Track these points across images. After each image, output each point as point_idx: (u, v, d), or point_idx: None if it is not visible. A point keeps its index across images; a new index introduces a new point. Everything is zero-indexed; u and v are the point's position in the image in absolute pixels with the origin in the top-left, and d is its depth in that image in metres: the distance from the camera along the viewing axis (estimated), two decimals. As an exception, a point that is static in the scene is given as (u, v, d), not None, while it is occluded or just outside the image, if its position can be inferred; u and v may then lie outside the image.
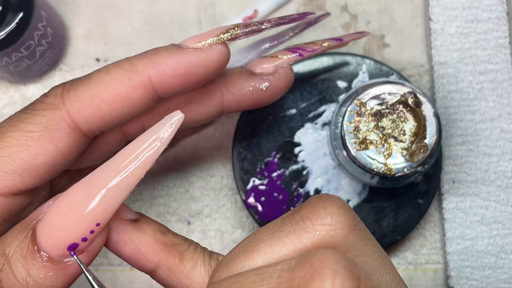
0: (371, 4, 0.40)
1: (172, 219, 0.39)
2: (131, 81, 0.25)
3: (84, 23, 0.40)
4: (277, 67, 0.31)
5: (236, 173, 0.37)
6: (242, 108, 0.31)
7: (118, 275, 0.38)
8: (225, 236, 0.38)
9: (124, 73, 0.26)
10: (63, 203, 0.23)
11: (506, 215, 0.37)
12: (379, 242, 0.36)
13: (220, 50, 0.27)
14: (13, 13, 0.33)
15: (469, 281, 0.37)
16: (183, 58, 0.26)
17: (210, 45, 0.27)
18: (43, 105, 0.25)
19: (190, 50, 0.26)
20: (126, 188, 0.23)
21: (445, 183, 0.38)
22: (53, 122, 0.25)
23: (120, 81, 0.25)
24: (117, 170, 0.23)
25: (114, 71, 0.26)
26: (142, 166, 0.23)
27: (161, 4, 0.40)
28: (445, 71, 0.38)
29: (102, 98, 0.25)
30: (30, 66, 0.36)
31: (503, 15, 0.38)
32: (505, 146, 0.38)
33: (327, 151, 0.37)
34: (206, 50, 0.27)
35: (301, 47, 0.32)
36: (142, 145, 0.23)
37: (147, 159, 0.23)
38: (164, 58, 0.26)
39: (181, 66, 0.26)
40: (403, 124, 0.32)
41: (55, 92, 0.26)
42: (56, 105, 0.25)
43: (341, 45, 0.34)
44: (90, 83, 0.26)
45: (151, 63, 0.26)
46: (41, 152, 0.25)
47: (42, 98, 0.26)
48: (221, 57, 0.27)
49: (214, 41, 0.27)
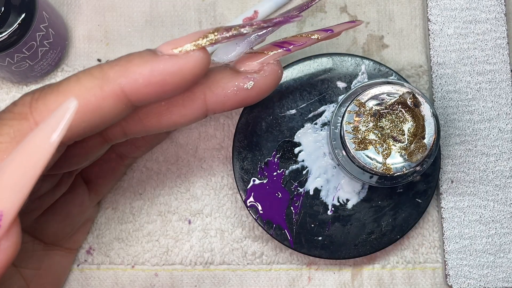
0: (370, 5, 0.40)
1: (173, 218, 0.39)
2: (101, 90, 0.24)
3: (85, 24, 0.40)
4: (262, 64, 0.29)
5: (236, 172, 0.37)
6: (227, 108, 0.29)
7: (119, 274, 0.39)
8: (226, 235, 0.39)
9: (95, 82, 0.24)
10: None
11: (504, 214, 0.38)
12: (379, 241, 0.37)
13: (198, 57, 0.25)
14: (15, 14, 0.33)
15: (467, 279, 0.37)
16: (157, 66, 0.24)
17: (187, 52, 0.25)
18: (11, 115, 0.24)
19: (165, 57, 0.25)
20: (23, 187, 0.21)
21: (443, 182, 0.38)
22: (20, 133, 0.24)
23: (90, 90, 0.24)
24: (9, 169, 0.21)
25: (84, 79, 0.24)
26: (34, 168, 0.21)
27: (162, 5, 0.40)
28: (444, 72, 0.38)
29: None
30: (32, 66, 0.36)
31: (501, 16, 0.39)
32: (503, 146, 0.38)
33: (326, 151, 0.37)
34: (182, 58, 0.25)
35: (289, 41, 0.30)
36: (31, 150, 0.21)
37: (36, 165, 0.21)
38: (136, 66, 0.24)
39: (155, 74, 0.24)
40: (402, 124, 0.32)
41: (23, 101, 0.24)
42: (23, 115, 0.24)
43: (332, 36, 0.32)
44: (59, 92, 0.24)
45: (123, 71, 0.24)
46: None
47: (11, 107, 0.25)
48: (199, 64, 0.25)
49: (192, 47, 0.25)
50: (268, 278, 0.39)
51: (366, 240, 0.37)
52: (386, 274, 0.39)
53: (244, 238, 0.39)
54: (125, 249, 0.39)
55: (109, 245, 0.39)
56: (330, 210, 0.37)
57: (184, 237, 0.39)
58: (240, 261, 0.39)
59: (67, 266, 0.38)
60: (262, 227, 0.37)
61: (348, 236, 0.37)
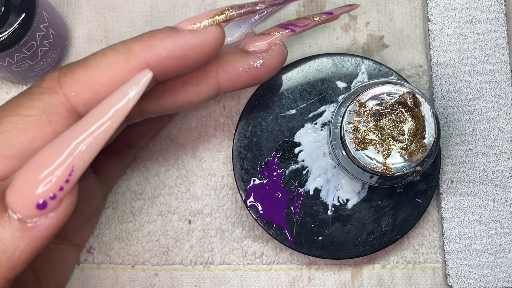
0: (370, 5, 0.40)
1: (173, 218, 0.39)
2: (127, 63, 0.25)
3: (85, 24, 0.40)
4: (270, 44, 0.31)
5: (236, 172, 0.37)
6: (238, 87, 0.31)
7: (119, 273, 0.39)
8: (226, 235, 0.39)
9: (121, 56, 0.25)
10: (31, 162, 0.23)
11: (504, 214, 0.38)
12: (379, 241, 0.37)
13: (216, 32, 0.27)
14: (15, 14, 0.33)
15: (467, 279, 0.37)
16: (178, 40, 0.26)
17: (205, 27, 0.27)
18: (40, 89, 0.25)
19: (185, 32, 0.26)
20: (95, 143, 0.23)
21: (443, 182, 0.38)
22: (51, 106, 0.25)
23: (116, 63, 0.25)
24: (85, 125, 0.23)
25: (111, 54, 0.25)
26: (111, 121, 0.23)
27: (162, 5, 0.40)
28: (444, 72, 0.38)
29: (100, 81, 0.25)
30: (32, 66, 0.36)
31: (501, 16, 0.39)
32: (503, 146, 0.38)
33: (326, 151, 0.37)
34: (201, 32, 0.27)
35: (293, 22, 0.32)
36: (111, 102, 0.23)
37: (116, 114, 0.23)
38: (160, 41, 0.26)
39: (177, 48, 0.26)
40: (402, 124, 0.32)
41: (51, 76, 0.25)
42: (53, 89, 0.25)
43: (332, 19, 0.34)
44: (87, 67, 0.25)
45: (147, 46, 0.26)
46: (39, 136, 0.25)
47: (39, 82, 0.26)
48: (216, 38, 0.27)
49: (209, 22, 0.27)
50: (268, 278, 0.39)
51: (366, 240, 0.37)
52: (386, 274, 0.39)
53: (244, 238, 0.39)
54: (125, 249, 0.39)
55: (109, 244, 0.39)
56: (330, 210, 0.37)
57: (184, 237, 0.39)
58: (240, 261, 0.39)
59: (73, 263, 0.38)
60: (262, 227, 0.37)
61: (348, 236, 0.37)
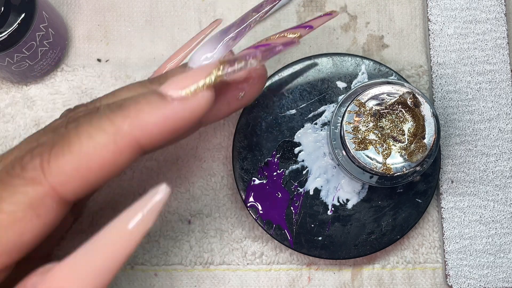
0: (370, 5, 0.40)
1: (173, 218, 0.39)
2: (116, 145, 0.23)
3: (85, 23, 0.40)
4: (249, 71, 0.29)
5: (236, 172, 0.37)
6: (220, 118, 0.30)
7: (119, 274, 0.39)
8: (225, 235, 0.39)
9: (109, 137, 0.23)
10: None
11: (505, 214, 0.38)
12: (379, 241, 0.37)
13: (207, 98, 0.25)
14: (15, 14, 0.33)
15: (467, 280, 0.37)
16: (168, 114, 0.24)
17: (195, 92, 0.24)
18: (22, 181, 0.23)
19: (175, 102, 0.24)
20: (112, 267, 0.22)
21: (443, 182, 0.38)
22: (36, 199, 0.23)
23: (105, 147, 0.23)
24: (102, 251, 0.22)
25: (97, 135, 0.23)
26: (129, 244, 0.22)
27: (162, 5, 0.40)
28: (444, 72, 0.38)
29: (88, 168, 0.23)
30: (32, 66, 0.36)
31: (501, 16, 0.39)
32: (503, 146, 0.38)
33: (326, 151, 0.37)
34: (192, 101, 0.24)
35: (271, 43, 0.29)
36: (125, 224, 0.21)
37: (133, 239, 0.22)
38: (149, 116, 0.24)
39: (168, 122, 0.24)
40: (402, 124, 0.32)
41: (33, 165, 0.23)
42: (37, 180, 0.23)
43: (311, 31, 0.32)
44: (72, 153, 0.23)
45: (136, 123, 0.23)
46: (27, 231, 0.23)
47: (19, 171, 0.23)
48: (208, 104, 0.25)
49: (200, 87, 0.25)
50: (268, 278, 0.39)
51: (366, 240, 0.37)
52: (386, 274, 0.39)
53: (244, 238, 0.39)
54: (125, 249, 0.39)
55: (109, 245, 0.39)
56: (330, 210, 0.37)
57: (184, 237, 0.39)
58: (240, 261, 0.39)
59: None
60: (262, 227, 0.37)
61: (348, 236, 0.37)
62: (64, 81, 0.39)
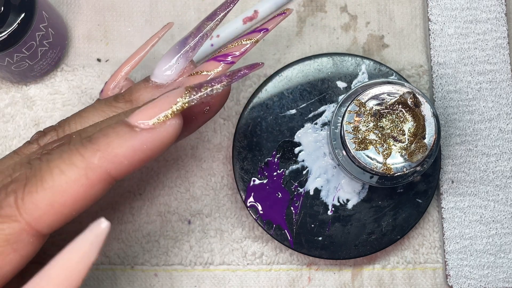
0: (371, 4, 0.40)
1: (173, 218, 0.39)
2: (87, 179, 0.24)
3: (85, 23, 0.40)
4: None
5: (236, 172, 0.37)
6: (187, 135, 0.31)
7: (118, 274, 0.39)
8: (225, 235, 0.39)
9: (80, 172, 0.24)
10: None
11: (505, 214, 0.38)
12: (379, 241, 0.37)
13: (175, 126, 0.25)
14: (15, 13, 0.33)
15: (468, 280, 0.37)
16: (138, 145, 0.24)
17: (163, 121, 0.25)
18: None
19: (143, 133, 0.24)
20: None
21: (444, 182, 0.38)
22: (13, 236, 0.23)
23: (77, 182, 0.24)
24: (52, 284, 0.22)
25: (68, 171, 0.24)
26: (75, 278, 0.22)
27: (162, 5, 0.40)
28: (444, 72, 0.38)
29: (62, 203, 0.24)
30: (32, 66, 0.36)
31: (502, 15, 0.39)
32: (503, 146, 0.38)
33: (326, 151, 0.37)
34: (160, 130, 0.25)
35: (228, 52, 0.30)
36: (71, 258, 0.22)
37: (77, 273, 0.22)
38: (118, 148, 0.24)
39: (137, 153, 0.24)
40: (402, 124, 0.32)
41: (8, 203, 0.24)
42: (13, 217, 0.23)
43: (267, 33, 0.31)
44: (46, 190, 0.24)
45: (106, 156, 0.24)
46: (5, 264, 0.24)
47: None
48: (177, 130, 0.25)
49: (168, 115, 0.25)
50: (268, 279, 0.39)
51: (366, 240, 0.36)
52: (386, 274, 0.39)
53: (244, 238, 0.39)
54: (125, 250, 0.39)
55: (109, 245, 0.39)
56: (330, 210, 0.37)
57: (184, 237, 0.39)
58: (240, 261, 0.39)
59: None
60: (262, 227, 0.36)
61: (348, 236, 0.37)
62: (64, 81, 0.39)
